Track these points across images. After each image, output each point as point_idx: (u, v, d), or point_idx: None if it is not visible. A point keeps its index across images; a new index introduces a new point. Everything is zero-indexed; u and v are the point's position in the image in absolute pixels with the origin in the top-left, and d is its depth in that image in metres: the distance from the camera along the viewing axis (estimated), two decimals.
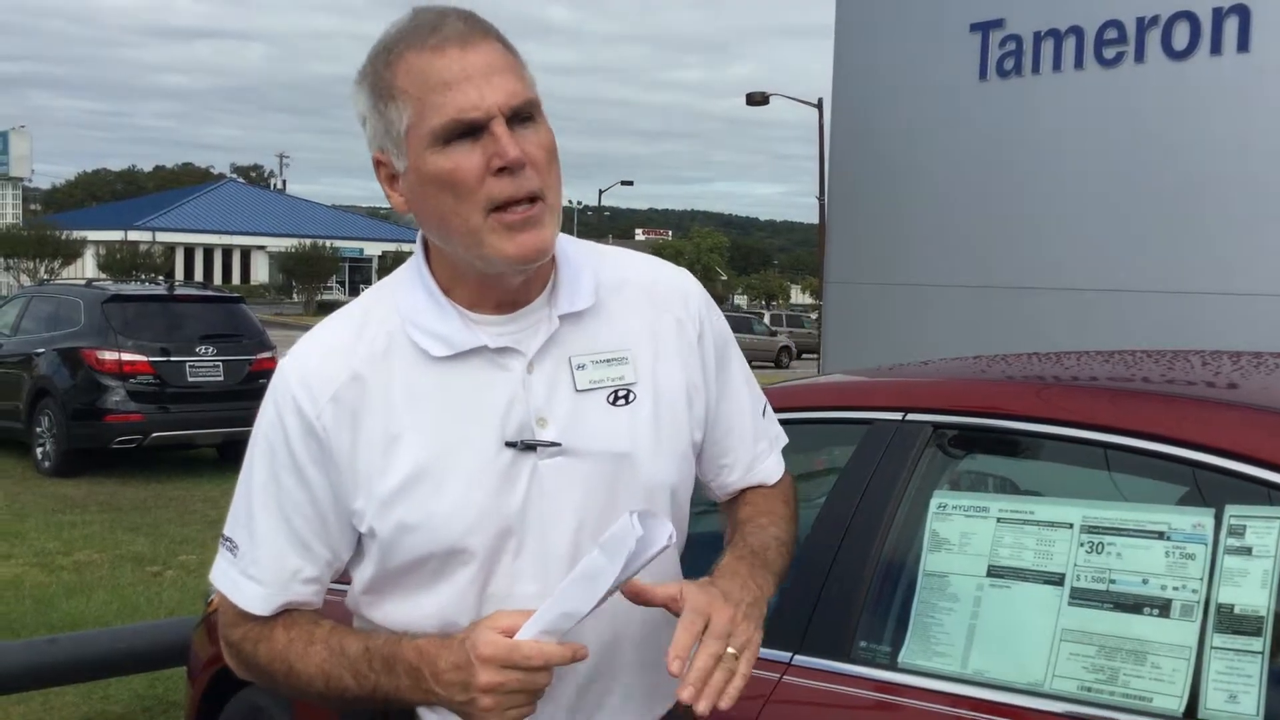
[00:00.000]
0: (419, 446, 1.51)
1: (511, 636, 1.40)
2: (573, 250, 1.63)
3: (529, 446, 1.52)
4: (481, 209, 1.46)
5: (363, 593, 1.61)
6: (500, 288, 1.55)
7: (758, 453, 1.78)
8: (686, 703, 1.38)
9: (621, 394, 1.58)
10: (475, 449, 1.51)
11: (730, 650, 1.42)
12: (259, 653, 1.57)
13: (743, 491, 1.80)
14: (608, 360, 1.58)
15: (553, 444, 1.53)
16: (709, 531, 2.03)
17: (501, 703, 1.38)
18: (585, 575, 1.39)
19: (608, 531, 1.40)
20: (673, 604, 1.46)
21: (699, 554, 1.77)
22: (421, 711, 1.58)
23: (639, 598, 1.48)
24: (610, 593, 1.40)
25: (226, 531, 1.60)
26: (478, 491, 1.51)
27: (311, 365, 1.54)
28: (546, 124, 1.52)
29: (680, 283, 1.70)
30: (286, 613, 1.58)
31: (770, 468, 1.80)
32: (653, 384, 1.61)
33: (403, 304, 1.56)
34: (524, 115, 1.48)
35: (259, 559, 1.56)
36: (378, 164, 1.54)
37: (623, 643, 1.61)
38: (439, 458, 1.51)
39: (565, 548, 1.54)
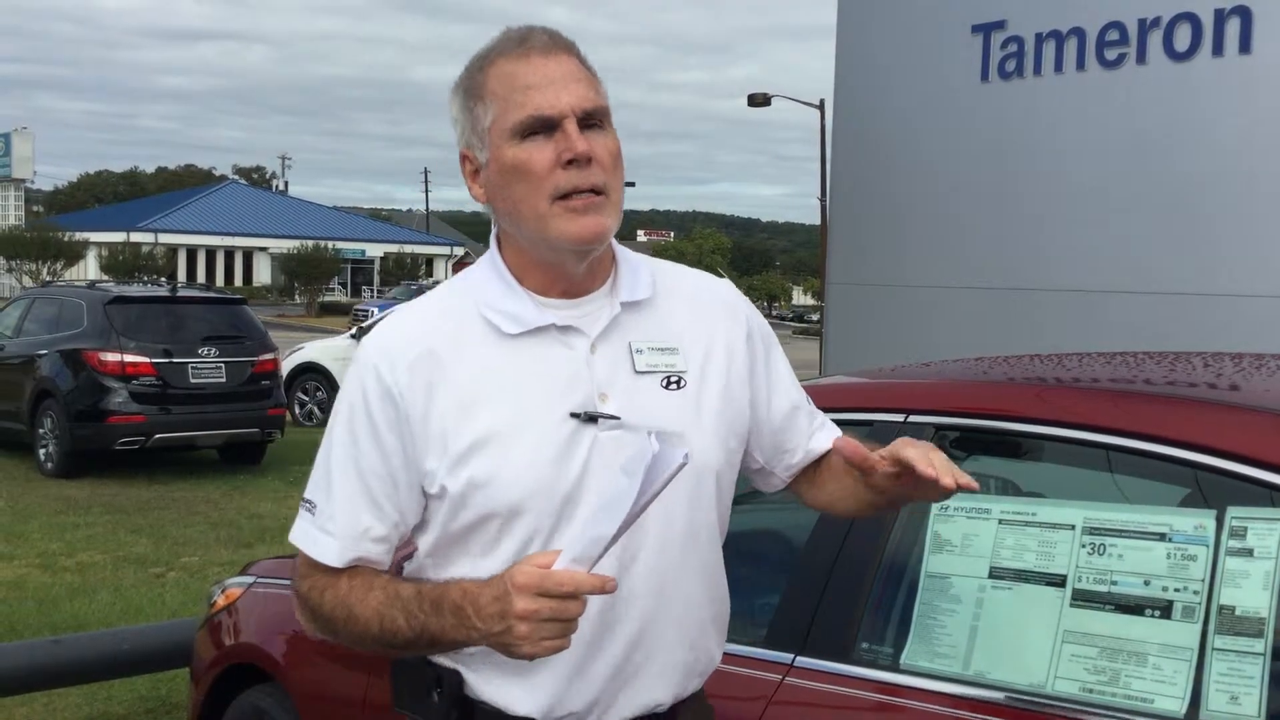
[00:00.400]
0: (490, 413, 1.64)
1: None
2: (631, 253, 1.81)
3: (591, 418, 1.66)
4: (549, 196, 1.63)
5: (428, 555, 1.73)
6: (566, 275, 1.70)
7: (814, 429, 1.92)
8: (951, 488, 1.60)
9: (674, 380, 1.73)
10: (542, 417, 1.65)
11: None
12: (325, 600, 1.70)
13: (816, 463, 1.91)
14: (662, 349, 1.74)
15: (613, 417, 1.66)
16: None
17: (536, 630, 1.47)
18: (610, 499, 1.47)
19: (627, 454, 1.50)
20: (880, 462, 1.67)
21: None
22: (467, 678, 1.69)
23: (854, 455, 1.68)
24: (635, 515, 1.45)
25: (306, 495, 1.74)
26: (542, 456, 1.64)
27: (391, 338, 1.70)
28: (614, 132, 1.69)
29: (724, 290, 1.87)
30: (353, 567, 1.70)
31: (826, 437, 1.92)
32: (700, 375, 1.75)
33: (478, 289, 1.72)
34: (594, 120, 1.66)
35: (334, 515, 1.70)
36: (463, 159, 1.73)
37: (665, 619, 1.72)
38: (508, 424, 1.64)
39: None
